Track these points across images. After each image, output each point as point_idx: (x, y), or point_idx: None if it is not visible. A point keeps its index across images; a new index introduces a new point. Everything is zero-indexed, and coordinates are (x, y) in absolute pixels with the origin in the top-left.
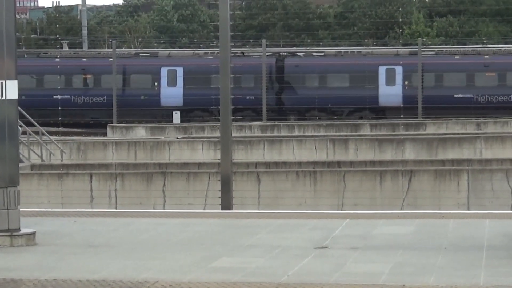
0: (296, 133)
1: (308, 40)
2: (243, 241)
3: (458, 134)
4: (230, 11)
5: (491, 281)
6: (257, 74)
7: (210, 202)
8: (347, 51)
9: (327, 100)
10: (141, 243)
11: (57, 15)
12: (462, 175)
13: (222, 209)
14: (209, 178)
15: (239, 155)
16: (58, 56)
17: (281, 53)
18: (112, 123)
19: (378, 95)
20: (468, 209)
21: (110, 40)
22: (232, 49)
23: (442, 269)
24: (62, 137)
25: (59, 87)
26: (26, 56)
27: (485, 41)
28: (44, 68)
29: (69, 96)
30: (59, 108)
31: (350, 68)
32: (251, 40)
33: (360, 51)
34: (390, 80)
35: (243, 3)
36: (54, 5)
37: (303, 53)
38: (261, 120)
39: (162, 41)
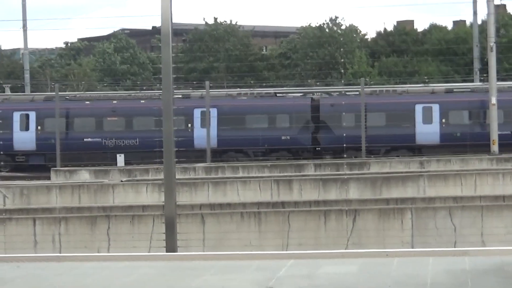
0: (241, 174)
1: (252, 81)
2: (188, 284)
3: (401, 172)
4: (173, 53)
5: None
6: (291, 114)
7: (155, 245)
8: (382, 90)
9: (360, 139)
10: (86, 287)
11: None
12: (406, 214)
13: (167, 252)
14: (153, 220)
15: (184, 197)
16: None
17: (315, 93)
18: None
19: (415, 133)
20: (412, 247)
21: (53, 83)
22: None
23: None
24: (5, 182)
25: (89, 131)
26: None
27: (427, 80)
28: (73, 112)
29: (100, 139)
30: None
31: (386, 107)
32: (195, 82)
33: (395, 90)
34: (427, 118)
35: (187, 45)
36: None
37: (337, 93)
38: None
39: (105, 84)
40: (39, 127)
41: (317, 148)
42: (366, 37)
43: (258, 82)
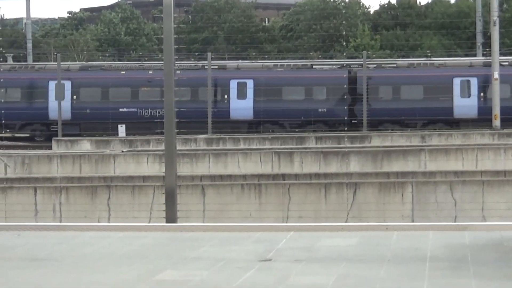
0: (242, 146)
1: (254, 53)
2: (187, 254)
3: (403, 146)
4: (175, 24)
5: None
6: (328, 86)
7: (155, 215)
8: (420, 63)
9: (400, 112)
10: (85, 256)
11: (1, 27)
12: (407, 187)
13: (166, 222)
14: (154, 191)
15: (184, 168)
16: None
17: (353, 66)
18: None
19: (453, 107)
20: (413, 221)
21: (55, 53)
22: (300, 61)
23: (385, 281)
24: (7, 151)
25: (125, 100)
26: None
27: (429, 54)
28: (109, 81)
29: (135, 109)
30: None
31: (424, 79)
32: (196, 54)
33: (433, 63)
34: (465, 92)
35: (189, 17)
36: None
37: (374, 65)
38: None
39: (107, 54)
40: (74, 97)
41: (353, 121)
42: (369, 10)
43: (260, 54)
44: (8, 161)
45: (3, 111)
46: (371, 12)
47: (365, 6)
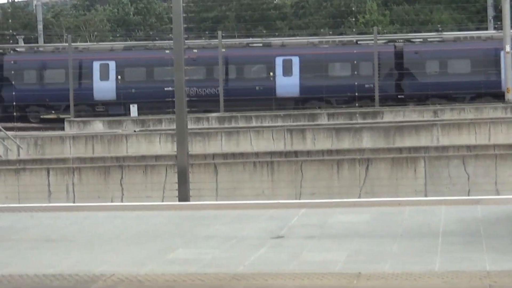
0: (254, 123)
1: (264, 31)
2: (199, 233)
3: (415, 121)
4: (184, 3)
5: (446, 266)
6: (373, 62)
7: (168, 195)
8: (466, 36)
9: (447, 86)
10: (98, 236)
11: (9, 9)
12: (419, 163)
13: (179, 201)
14: (166, 170)
15: (197, 147)
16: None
17: (398, 40)
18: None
19: (500, 80)
20: (426, 196)
21: (67, 34)
22: (341, 37)
23: (397, 256)
24: (19, 132)
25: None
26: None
27: (440, 29)
28: (153, 60)
29: None
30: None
31: (471, 53)
32: (207, 32)
33: (480, 36)
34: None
35: None
36: (9, 0)
37: (420, 40)
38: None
39: (118, 35)
40: (119, 77)
41: (399, 96)
42: None
43: (270, 32)
44: (20, 143)
45: (48, 93)
46: None
47: None
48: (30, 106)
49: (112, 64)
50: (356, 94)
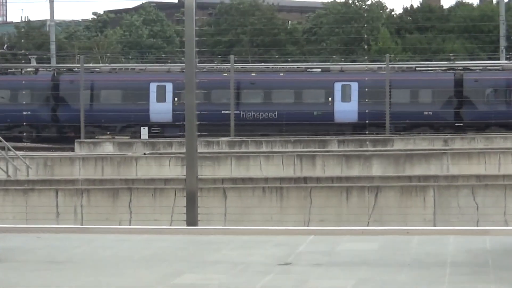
0: (264, 149)
1: (277, 56)
2: (207, 258)
3: (425, 150)
4: (198, 26)
5: None
6: (434, 89)
7: (176, 218)
8: None
9: (508, 114)
10: (104, 259)
11: (23, 29)
12: (428, 191)
13: (187, 225)
14: (175, 194)
15: (206, 171)
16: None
17: (457, 68)
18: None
19: None
20: (434, 225)
21: (79, 55)
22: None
23: (405, 285)
24: (29, 153)
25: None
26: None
27: (452, 58)
28: (211, 83)
29: (238, 112)
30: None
31: None
32: (219, 56)
33: None
34: None
35: (211, 18)
36: (24, 20)
37: (480, 68)
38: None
39: (130, 57)
40: (176, 99)
41: (457, 124)
42: (392, 13)
43: (282, 57)
44: (30, 163)
45: (103, 113)
46: (394, 16)
47: (388, 9)
48: (85, 127)
49: (169, 86)
50: (418, 121)
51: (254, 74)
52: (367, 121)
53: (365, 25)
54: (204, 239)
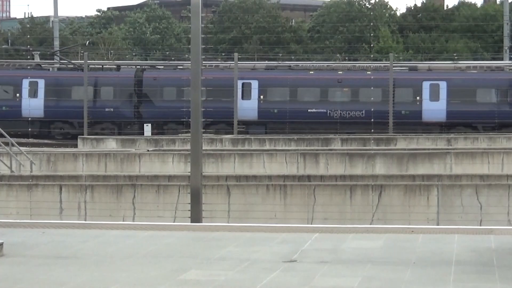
0: (267, 146)
1: (281, 54)
2: (212, 254)
3: (428, 149)
4: (202, 24)
5: None
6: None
7: (180, 215)
8: None
9: None
10: (110, 255)
11: (31, 25)
12: (432, 191)
13: (191, 222)
14: (179, 190)
15: (210, 168)
16: (312, 69)
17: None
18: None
19: None
20: (438, 225)
21: (83, 51)
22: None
23: (410, 283)
24: (32, 148)
25: (314, 101)
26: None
27: (456, 57)
28: (297, 81)
29: (325, 110)
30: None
31: None
32: (223, 54)
33: None
34: None
35: (215, 16)
36: (27, 16)
37: None
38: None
39: (134, 53)
40: (261, 96)
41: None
42: (395, 12)
43: (286, 55)
44: (33, 159)
45: (186, 110)
46: (398, 15)
47: (392, 8)
48: (168, 123)
49: (254, 83)
50: (507, 121)
51: (340, 72)
52: (455, 121)
53: (367, 24)
54: (209, 235)
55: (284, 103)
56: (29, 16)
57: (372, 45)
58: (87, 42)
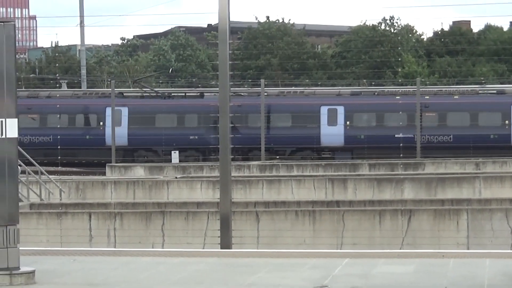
0: (295, 172)
1: (306, 80)
2: (243, 280)
3: (457, 173)
4: (229, 50)
5: None
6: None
7: (209, 242)
8: None
9: None
10: (141, 282)
11: (56, 54)
12: (462, 215)
13: (221, 248)
14: (208, 217)
15: (238, 195)
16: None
17: None
18: (112, 164)
19: None
20: (468, 249)
21: (109, 79)
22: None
23: None
24: (61, 176)
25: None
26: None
27: (483, 81)
28: (384, 106)
29: (412, 135)
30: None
31: None
32: (250, 80)
33: None
34: None
35: (240, 42)
36: (53, 45)
37: None
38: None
39: (160, 81)
40: (347, 122)
41: None
42: (422, 37)
43: (312, 81)
44: (62, 187)
45: (272, 136)
46: (424, 39)
47: (418, 33)
48: (253, 150)
49: (340, 109)
50: None
51: (427, 97)
52: None
53: (398, 48)
54: (239, 261)
55: (371, 128)
56: (55, 44)
57: (395, 70)
58: (115, 70)
